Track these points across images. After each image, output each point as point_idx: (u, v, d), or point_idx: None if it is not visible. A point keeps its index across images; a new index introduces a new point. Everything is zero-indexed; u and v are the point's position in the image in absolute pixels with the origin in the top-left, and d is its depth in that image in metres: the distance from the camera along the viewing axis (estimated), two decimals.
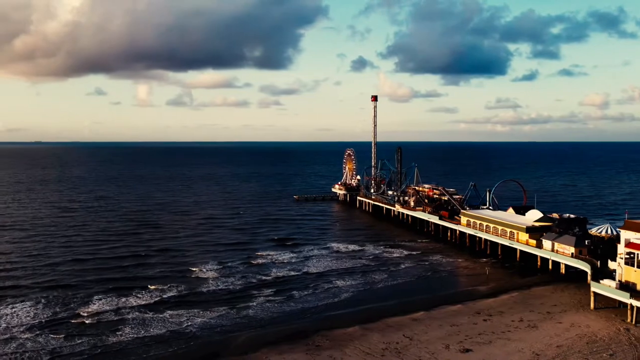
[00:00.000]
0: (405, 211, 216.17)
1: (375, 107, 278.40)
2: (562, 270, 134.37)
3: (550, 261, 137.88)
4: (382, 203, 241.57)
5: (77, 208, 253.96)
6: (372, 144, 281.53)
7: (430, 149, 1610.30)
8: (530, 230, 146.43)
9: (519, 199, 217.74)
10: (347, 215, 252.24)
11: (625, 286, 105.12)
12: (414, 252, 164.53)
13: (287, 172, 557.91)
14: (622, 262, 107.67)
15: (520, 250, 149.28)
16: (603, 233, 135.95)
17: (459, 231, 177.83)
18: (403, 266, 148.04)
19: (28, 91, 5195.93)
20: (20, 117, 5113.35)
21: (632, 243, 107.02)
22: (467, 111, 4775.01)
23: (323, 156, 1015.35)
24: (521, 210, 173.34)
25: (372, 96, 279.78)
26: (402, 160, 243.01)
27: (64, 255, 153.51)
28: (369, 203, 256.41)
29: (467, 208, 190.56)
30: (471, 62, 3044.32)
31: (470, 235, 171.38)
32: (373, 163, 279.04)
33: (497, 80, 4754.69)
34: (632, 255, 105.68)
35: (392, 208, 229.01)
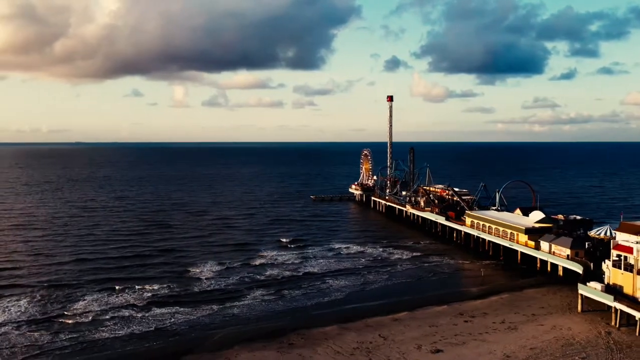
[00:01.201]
0: (415, 212, 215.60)
1: (390, 107, 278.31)
2: (560, 273, 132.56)
3: (549, 263, 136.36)
4: (394, 204, 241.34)
5: (95, 208, 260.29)
6: (388, 145, 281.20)
7: (464, 149, 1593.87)
8: (529, 232, 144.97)
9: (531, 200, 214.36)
10: (361, 216, 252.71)
11: (612, 289, 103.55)
12: (417, 254, 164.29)
13: (312, 172, 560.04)
14: (610, 264, 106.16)
15: (521, 252, 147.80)
16: (602, 235, 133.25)
17: (464, 232, 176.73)
18: (402, 267, 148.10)
19: (68, 93, 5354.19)
20: (62, 118, 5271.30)
21: (620, 245, 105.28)
22: (503, 111, 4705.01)
23: (354, 156, 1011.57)
24: (528, 212, 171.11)
25: (387, 96, 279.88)
26: (414, 161, 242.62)
27: (69, 254, 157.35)
28: (382, 203, 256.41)
29: (477, 209, 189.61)
30: (507, 61, 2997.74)
31: (474, 236, 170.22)
32: (389, 163, 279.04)
33: (534, 79, 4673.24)
34: (619, 258, 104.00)
35: (404, 209, 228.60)
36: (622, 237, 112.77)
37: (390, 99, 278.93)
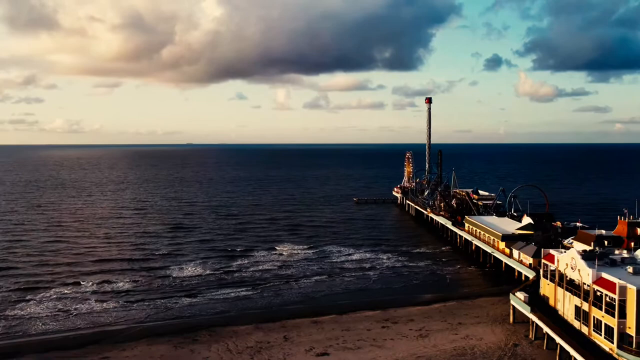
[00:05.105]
0: (432, 215, 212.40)
1: (429, 109, 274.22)
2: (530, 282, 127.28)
3: (523, 273, 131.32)
4: (419, 207, 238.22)
5: (140, 208, 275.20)
6: (427, 147, 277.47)
7: (574, 151, 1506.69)
8: (505, 239, 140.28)
9: (553, 205, 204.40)
10: (390, 219, 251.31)
11: (541, 299, 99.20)
12: (405, 259, 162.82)
13: (383, 175, 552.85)
14: (542, 274, 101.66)
15: (497, 259, 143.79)
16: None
17: (464, 238, 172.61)
18: (378, 272, 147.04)
19: (177, 97, 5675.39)
20: (173, 121, 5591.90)
21: (549, 254, 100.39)
22: (621, 110, 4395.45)
23: (456, 160, 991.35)
24: (536, 218, 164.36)
25: (426, 98, 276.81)
26: (442, 164, 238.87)
27: (72, 255, 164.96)
28: (413, 207, 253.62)
29: (493, 213, 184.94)
30: (621, 56, 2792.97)
31: (469, 241, 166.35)
32: (427, 167, 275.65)
33: None
34: (546, 268, 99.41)
35: (425, 212, 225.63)
36: (579, 247, 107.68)
37: (429, 100, 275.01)
